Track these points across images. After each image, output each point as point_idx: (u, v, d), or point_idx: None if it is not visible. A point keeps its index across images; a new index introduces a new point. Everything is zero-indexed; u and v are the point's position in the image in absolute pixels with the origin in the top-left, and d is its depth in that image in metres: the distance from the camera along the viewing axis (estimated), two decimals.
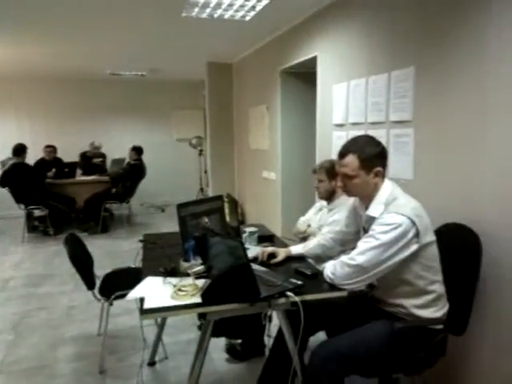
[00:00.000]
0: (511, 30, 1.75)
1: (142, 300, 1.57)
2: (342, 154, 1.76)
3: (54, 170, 6.18)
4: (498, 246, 1.86)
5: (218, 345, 2.75)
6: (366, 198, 1.79)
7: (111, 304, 2.51)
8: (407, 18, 2.37)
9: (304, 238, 2.67)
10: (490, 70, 1.86)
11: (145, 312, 1.48)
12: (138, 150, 6.30)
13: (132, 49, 4.98)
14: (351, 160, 1.72)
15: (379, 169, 1.73)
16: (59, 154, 6.52)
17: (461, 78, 2.02)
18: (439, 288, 1.74)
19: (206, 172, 7.17)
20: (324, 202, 2.68)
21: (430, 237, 1.69)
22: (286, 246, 2.29)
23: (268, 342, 2.48)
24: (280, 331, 2.00)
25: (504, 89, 1.80)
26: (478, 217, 1.94)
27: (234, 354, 2.66)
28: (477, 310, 1.86)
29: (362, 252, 1.66)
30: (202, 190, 7.58)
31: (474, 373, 2.06)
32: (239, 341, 2.70)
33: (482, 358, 2.00)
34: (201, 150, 7.51)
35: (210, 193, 6.56)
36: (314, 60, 3.54)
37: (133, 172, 6.23)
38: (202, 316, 1.57)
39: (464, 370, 2.11)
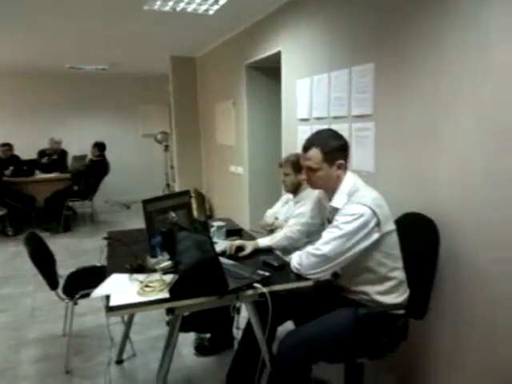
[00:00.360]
0: (466, 26, 1.84)
1: (107, 298, 1.55)
2: (306, 147, 1.80)
3: (11, 168, 5.92)
4: (454, 234, 1.95)
5: (187, 340, 2.75)
6: (330, 190, 1.84)
7: (76, 303, 2.46)
8: (367, 14, 2.42)
9: (271, 231, 2.71)
10: (445, 68, 1.94)
11: (111, 309, 1.46)
12: (100, 146, 6.15)
13: (92, 42, 4.84)
14: (315, 153, 1.76)
15: (341, 161, 1.78)
16: (17, 152, 6.25)
17: (417, 73, 2.10)
18: (400, 274, 1.81)
19: (172, 167, 7.09)
20: (290, 195, 2.72)
21: (390, 226, 1.76)
22: (253, 239, 2.31)
23: (237, 334, 2.50)
24: (249, 323, 2.02)
25: (457, 86, 1.89)
26: (435, 207, 2.03)
27: (202, 351, 2.66)
28: (436, 295, 1.96)
29: (327, 242, 1.71)
30: (168, 185, 7.49)
31: (434, 356, 2.16)
32: (208, 335, 2.71)
33: (441, 341, 2.10)
34: (166, 146, 7.41)
35: (177, 188, 6.49)
36: (278, 55, 3.57)
37: (95, 168, 6.08)
38: (170, 311, 1.57)
39: (425, 354, 2.21)
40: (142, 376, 2.46)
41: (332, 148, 1.76)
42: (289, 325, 2.12)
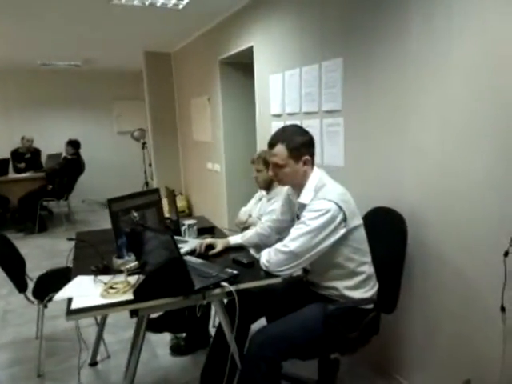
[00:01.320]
0: (430, 20, 1.85)
1: (69, 300, 1.51)
2: (272, 143, 1.79)
3: None
4: (421, 228, 1.98)
5: (163, 340, 2.73)
6: (298, 186, 1.84)
7: (46, 306, 2.41)
8: (336, 8, 2.41)
9: (245, 228, 2.69)
10: (411, 62, 1.95)
11: (71, 312, 1.43)
12: (74, 144, 6.01)
13: (62, 38, 4.72)
14: (280, 149, 1.75)
15: (307, 157, 1.77)
16: None
17: (384, 69, 2.11)
18: (368, 269, 1.82)
19: (150, 165, 7.00)
20: (264, 192, 2.71)
21: (357, 220, 1.76)
22: (226, 237, 2.29)
23: (213, 333, 2.48)
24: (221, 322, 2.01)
25: (422, 81, 1.90)
26: (403, 201, 2.05)
27: (178, 350, 2.64)
28: (405, 287, 1.98)
29: (294, 238, 1.70)
30: (147, 184, 7.38)
31: (407, 348, 2.19)
32: (184, 335, 2.69)
33: (413, 333, 2.14)
34: (144, 143, 7.30)
35: (155, 186, 6.42)
36: (250, 50, 3.54)
37: (69, 167, 5.95)
38: (134, 313, 1.54)
39: (398, 346, 2.24)
40: (115, 378, 2.43)
41: (297, 144, 1.75)
42: (263, 322, 2.11)
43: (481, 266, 1.74)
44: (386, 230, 2.01)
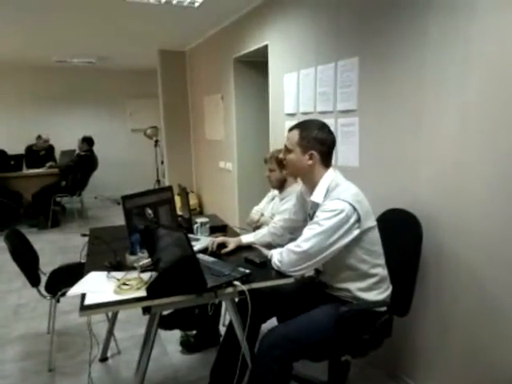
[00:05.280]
0: (450, 19, 1.81)
1: (83, 296, 1.52)
2: (291, 128, 1.84)
3: None
4: (436, 230, 1.95)
5: (173, 337, 2.73)
6: (309, 184, 1.83)
7: (58, 301, 2.43)
8: (353, 7, 2.39)
9: (257, 228, 2.68)
10: (429, 63, 1.92)
11: (84, 308, 1.43)
12: (88, 141, 6.08)
13: (77, 35, 4.76)
14: (293, 134, 1.80)
15: (313, 152, 1.75)
16: (3, 146, 6.16)
17: (401, 71, 2.08)
18: (382, 271, 1.80)
19: (162, 163, 7.03)
20: (276, 191, 2.70)
21: (371, 221, 1.74)
22: (238, 235, 2.28)
23: (223, 331, 2.48)
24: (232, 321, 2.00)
25: (440, 82, 1.87)
26: (418, 203, 2.02)
27: (187, 347, 2.64)
28: (419, 290, 1.95)
29: (307, 239, 1.68)
30: (158, 181, 7.42)
31: (419, 351, 2.16)
32: (194, 332, 2.70)
33: (426, 336, 2.10)
34: (156, 141, 7.34)
35: (167, 184, 6.44)
36: (265, 49, 3.53)
37: (83, 164, 6.01)
38: (146, 310, 1.54)
39: (410, 349, 2.21)
40: (125, 373, 2.44)
41: (310, 135, 1.75)
42: (275, 322, 2.09)
43: (498, 267, 1.71)
44: (400, 232, 1.98)
